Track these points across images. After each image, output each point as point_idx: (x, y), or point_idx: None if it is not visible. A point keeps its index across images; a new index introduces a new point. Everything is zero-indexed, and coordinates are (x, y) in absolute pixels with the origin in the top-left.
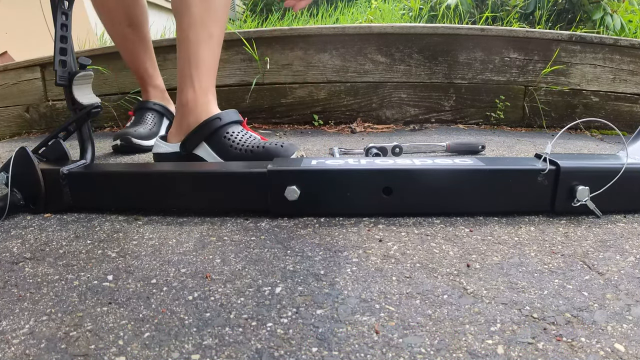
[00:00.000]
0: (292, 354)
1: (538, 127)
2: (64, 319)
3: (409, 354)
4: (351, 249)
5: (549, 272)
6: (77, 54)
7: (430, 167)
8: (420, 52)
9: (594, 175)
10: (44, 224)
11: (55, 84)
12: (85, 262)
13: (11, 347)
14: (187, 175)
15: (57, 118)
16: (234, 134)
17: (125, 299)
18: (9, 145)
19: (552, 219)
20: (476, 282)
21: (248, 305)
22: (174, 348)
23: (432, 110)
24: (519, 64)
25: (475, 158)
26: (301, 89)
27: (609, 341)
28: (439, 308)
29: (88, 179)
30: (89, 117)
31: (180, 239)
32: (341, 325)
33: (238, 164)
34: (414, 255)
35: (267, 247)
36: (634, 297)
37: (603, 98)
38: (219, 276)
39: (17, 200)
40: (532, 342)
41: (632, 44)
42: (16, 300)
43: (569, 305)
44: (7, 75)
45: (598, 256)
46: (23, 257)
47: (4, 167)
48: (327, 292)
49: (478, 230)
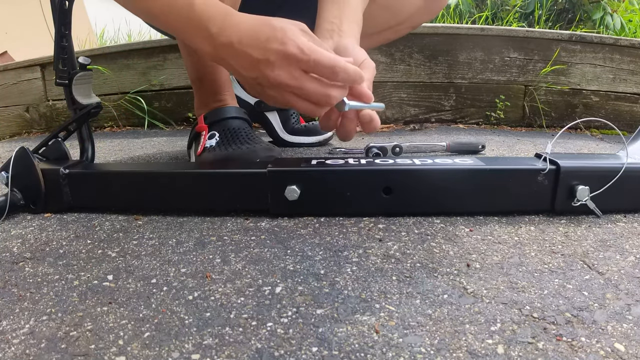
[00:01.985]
0: (292, 353)
1: (538, 126)
2: (64, 318)
3: (409, 353)
4: (351, 249)
5: (549, 271)
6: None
7: (430, 167)
8: (420, 51)
9: (594, 175)
10: (44, 223)
11: (55, 84)
12: (86, 261)
13: (11, 346)
14: (187, 175)
15: (57, 118)
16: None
17: (125, 299)
18: (9, 145)
19: (552, 218)
20: (476, 282)
21: (248, 305)
22: (174, 348)
23: (432, 110)
24: (519, 64)
25: (476, 158)
26: None
27: (609, 341)
28: (439, 308)
29: (88, 179)
30: (89, 117)
31: (180, 238)
32: (341, 325)
33: (238, 164)
34: (414, 254)
35: (267, 246)
36: (634, 297)
37: (603, 98)
38: (219, 276)
39: (17, 200)
40: (532, 342)
41: (632, 44)
42: (16, 300)
43: (569, 305)
44: (7, 75)
45: (598, 256)
46: (23, 256)
47: (4, 167)
48: (327, 291)
49: (478, 230)
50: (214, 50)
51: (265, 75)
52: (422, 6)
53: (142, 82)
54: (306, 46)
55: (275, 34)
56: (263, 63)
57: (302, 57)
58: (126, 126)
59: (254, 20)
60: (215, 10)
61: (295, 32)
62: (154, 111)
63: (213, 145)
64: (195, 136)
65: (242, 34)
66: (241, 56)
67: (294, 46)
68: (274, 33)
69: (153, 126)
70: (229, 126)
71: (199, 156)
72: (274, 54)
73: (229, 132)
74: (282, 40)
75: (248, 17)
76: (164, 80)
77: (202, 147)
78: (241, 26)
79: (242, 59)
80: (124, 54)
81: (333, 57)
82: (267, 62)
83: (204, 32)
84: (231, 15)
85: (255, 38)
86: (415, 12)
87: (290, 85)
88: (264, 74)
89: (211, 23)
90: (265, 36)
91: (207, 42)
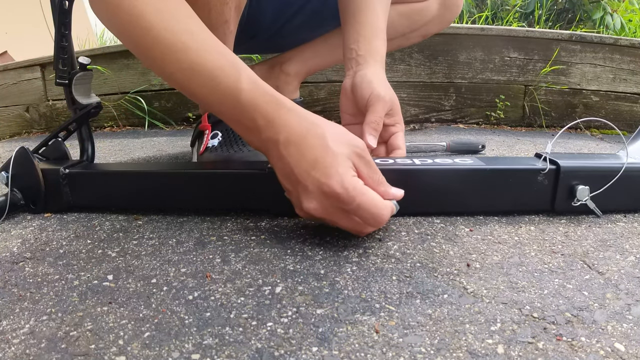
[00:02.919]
0: (292, 353)
1: (538, 126)
2: (64, 318)
3: (409, 353)
4: (351, 249)
5: (549, 271)
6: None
7: (430, 167)
8: (420, 51)
9: (594, 175)
10: (44, 223)
11: (55, 84)
12: (86, 261)
13: (11, 346)
14: (187, 175)
15: (57, 118)
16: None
17: (125, 299)
18: (9, 145)
19: (552, 218)
20: (476, 282)
21: (248, 304)
22: (174, 348)
23: (432, 110)
24: (519, 64)
25: (476, 157)
26: (301, 88)
27: (609, 340)
28: (439, 307)
29: (88, 179)
30: (89, 117)
31: (180, 238)
32: (341, 324)
33: (238, 164)
34: (414, 254)
35: (267, 246)
36: (634, 297)
37: (603, 97)
38: (219, 276)
39: (17, 200)
40: (532, 342)
41: (632, 44)
42: (16, 300)
43: (569, 305)
44: (7, 75)
45: (598, 256)
46: (23, 256)
47: (4, 166)
48: (327, 291)
49: (478, 230)
50: (259, 145)
51: (298, 199)
52: (436, 15)
53: (142, 82)
54: (351, 186)
55: (324, 162)
56: (301, 186)
57: (344, 198)
58: (126, 126)
59: (306, 124)
60: (263, 100)
61: (344, 162)
62: (154, 111)
63: (215, 145)
64: (199, 134)
65: (289, 140)
66: (283, 162)
67: (337, 183)
68: (322, 160)
69: (153, 126)
70: None
71: (201, 155)
72: (313, 184)
73: (232, 133)
74: (328, 173)
75: (299, 116)
76: (163, 80)
77: (205, 146)
78: (291, 129)
79: (283, 164)
80: (124, 54)
81: (379, 205)
82: (304, 188)
83: (250, 124)
84: (280, 107)
85: (301, 154)
86: (430, 21)
87: (321, 218)
88: (297, 197)
89: (257, 115)
90: (313, 159)
91: (253, 137)
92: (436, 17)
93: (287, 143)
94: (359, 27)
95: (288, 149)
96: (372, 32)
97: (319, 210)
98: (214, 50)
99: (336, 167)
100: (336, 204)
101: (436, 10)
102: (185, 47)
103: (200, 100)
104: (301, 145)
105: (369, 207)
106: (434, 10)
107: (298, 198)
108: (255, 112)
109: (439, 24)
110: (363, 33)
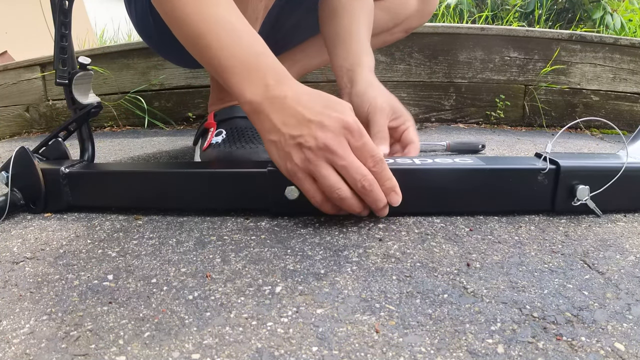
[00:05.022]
0: (292, 353)
1: (538, 126)
2: (64, 318)
3: (409, 353)
4: (351, 248)
5: (549, 271)
6: (77, 53)
7: (430, 167)
8: (420, 51)
9: (594, 175)
10: (44, 223)
11: (55, 84)
12: (86, 261)
13: (11, 346)
14: (187, 175)
15: (57, 118)
16: None
17: (125, 299)
18: (9, 145)
19: (552, 218)
20: (476, 282)
21: (248, 304)
22: (174, 347)
23: (432, 110)
24: (519, 63)
25: (476, 157)
26: None
27: (609, 340)
28: (439, 307)
29: (88, 179)
30: (89, 117)
31: (180, 238)
32: (341, 324)
33: (238, 164)
34: (414, 254)
35: (267, 246)
36: (634, 297)
37: (603, 97)
38: (219, 275)
39: (17, 200)
40: (532, 342)
41: (632, 43)
42: (16, 299)
43: (569, 305)
44: (7, 75)
45: (598, 255)
46: (23, 256)
47: (4, 166)
48: (327, 291)
49: (478, 230)
50: (261, 100)
51: (313, 134)
52: (416, 9)
53: (142, 81)
54: (361, 126)
55: (335, 104)
56: (315, 123)
57: (356, 130)
58: (126, 126)
59: (311, 89)
60: (276, 66)
61: (353, 112)
62: (154, 111)
63: (219, 142)
64: (203, 132)
65: (300, 94)
66: (290, 112)
67: (352, 118)
68: (334, 103)
69: (153, 126)
70: (236, 125)
71: (204, 152)
72: (329, 119)
73: (236, 131)
74: (342, 111)
75: (305, 86)
76: (163, 80)
77: (209, 143)
78: (299, 88)
79: (289, 116)
80: (123, 54)
81: (379, 150)
82: (319, 123)
83: (260, 81)
84: (289, 76)
85: (313, 101)
86: (411, 15)
87: (335, 151)
88: (312, 133)
89: (270, 74)
90: (324, 102)
91: (259, 91)
92: (416, 11)
93: (296, 98)
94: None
95: (297, 101)
96: (360, 46)
97: (334, 141)
98: (242, 18)
99: (347, 109)
100: (348, 137)
101: (415, 4)
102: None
103: (210, 55)
104: (312, 94)
105: (371, 147)
106: (414, 5)
107: (312, 135)
108: (267, 71)
109: (420, 18)
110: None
